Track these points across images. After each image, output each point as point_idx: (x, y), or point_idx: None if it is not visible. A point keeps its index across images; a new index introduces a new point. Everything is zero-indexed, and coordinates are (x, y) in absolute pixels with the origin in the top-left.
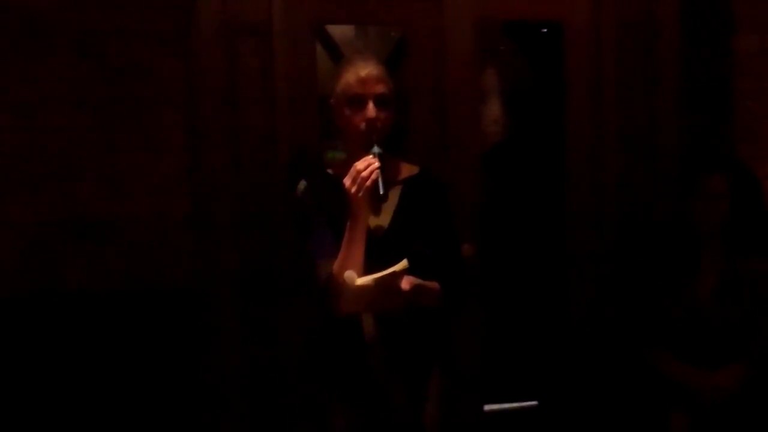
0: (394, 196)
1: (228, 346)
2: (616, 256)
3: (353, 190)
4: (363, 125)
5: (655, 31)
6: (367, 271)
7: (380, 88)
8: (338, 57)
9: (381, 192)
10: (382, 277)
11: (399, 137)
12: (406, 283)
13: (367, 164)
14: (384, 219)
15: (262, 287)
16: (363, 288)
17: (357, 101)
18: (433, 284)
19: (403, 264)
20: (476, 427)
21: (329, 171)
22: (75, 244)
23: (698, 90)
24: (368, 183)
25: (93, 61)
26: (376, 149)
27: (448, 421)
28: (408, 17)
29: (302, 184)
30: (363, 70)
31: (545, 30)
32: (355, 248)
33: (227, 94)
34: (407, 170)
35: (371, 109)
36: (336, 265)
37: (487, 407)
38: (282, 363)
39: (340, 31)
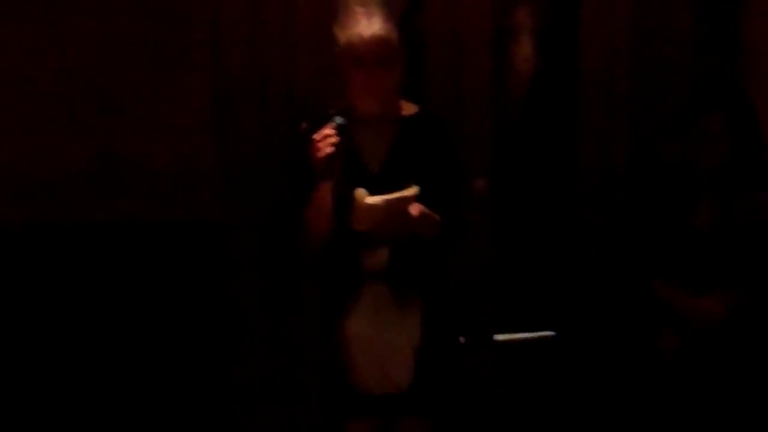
0: (392, 133)
1: (250, 280)
2: (626, 193)
3: (314, 157)
4: (363, 84)
5: None
6: None
7: (383, 51)
8: None
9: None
10: (392, 199)
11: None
12: (414, 209)
13: (323, 137)
14: (380, 156)
15: (283, 230)
16: (372, 206)
17: (359, 61)
18: (436, 216)
19: (414, 189)
20: (485, 357)
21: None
22: (106, 178)
23: (708, 31)
24: (321, 155)
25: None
26: (338, 119)
27: (444, 351)
28: None
29: (305, 123)
30: (367, 30)
31: None
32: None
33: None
34: (407, 109)
35: (372, 70)
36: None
37: (499, 337)
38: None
39: None
